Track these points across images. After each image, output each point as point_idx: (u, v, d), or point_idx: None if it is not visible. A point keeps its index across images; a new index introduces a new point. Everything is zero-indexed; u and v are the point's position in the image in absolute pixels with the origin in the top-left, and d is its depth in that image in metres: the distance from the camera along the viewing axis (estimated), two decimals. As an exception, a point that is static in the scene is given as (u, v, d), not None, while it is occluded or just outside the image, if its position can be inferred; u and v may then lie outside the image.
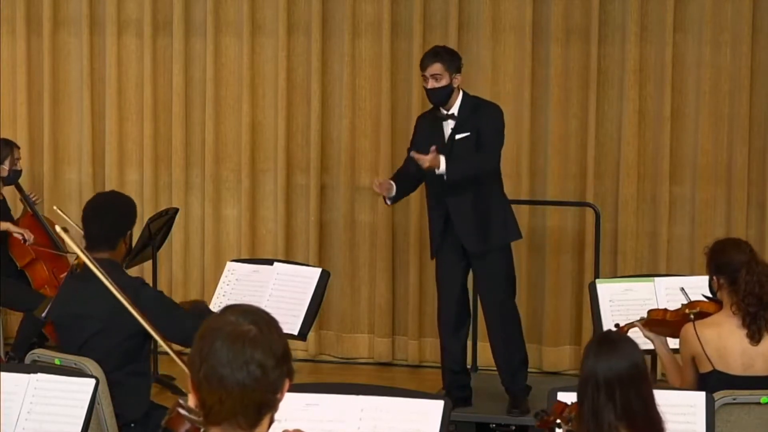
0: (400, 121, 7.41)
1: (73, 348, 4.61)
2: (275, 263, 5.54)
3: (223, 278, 5.54)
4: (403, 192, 6.17)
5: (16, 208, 7.22)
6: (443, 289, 6.19)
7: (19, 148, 7.15)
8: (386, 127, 7.38)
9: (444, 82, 5.98)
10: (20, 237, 6.84)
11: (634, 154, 7.14)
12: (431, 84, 5.99)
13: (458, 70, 6.03)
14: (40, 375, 4.08)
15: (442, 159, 5.84)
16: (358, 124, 7.49)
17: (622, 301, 5.29)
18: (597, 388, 3.26)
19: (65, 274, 5.99)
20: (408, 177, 6.17)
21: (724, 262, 4.54)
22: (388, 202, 6.18)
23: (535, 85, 7.21)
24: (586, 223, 7.16)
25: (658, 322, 4.71)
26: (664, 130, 7.10)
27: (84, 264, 4.70)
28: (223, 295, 5.46)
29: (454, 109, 6.04)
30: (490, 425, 6.13)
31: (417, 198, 7.33)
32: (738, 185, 7.03)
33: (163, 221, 6.85)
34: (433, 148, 5.83)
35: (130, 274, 4.85)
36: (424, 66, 6.02)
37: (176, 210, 7.07)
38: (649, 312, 4.79)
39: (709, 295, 4.69)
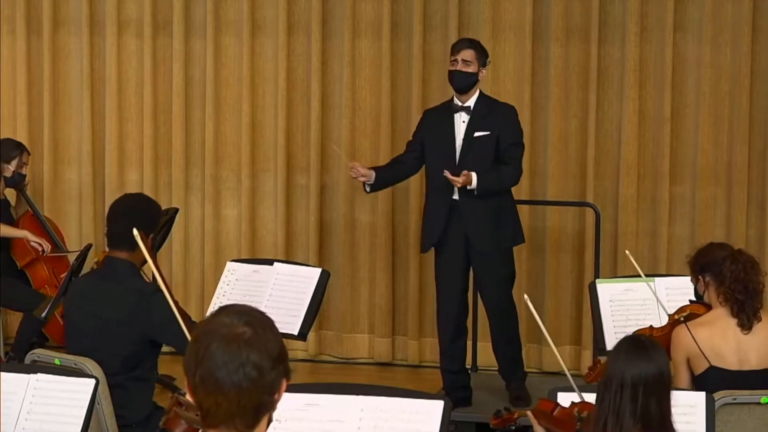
0: (400, 120, 7.41)
1: (78, 345, 4.63)
2: (275, 263, 5.53)
3: (223, 278, 5.54)
4: (385, 182, 6.26)
5: (17, 210, 7.22)
6: (444, 287, 6.20)
7: (29, 154, 7.15)
8: (386, 127, 7.38)
9: (472, 69, 6.05)
10: (39, 247, 6.85)
11: (634, 154, 7.14)
12: (460, 66, 6.04)
13: (485, 65, 6.13)
14: (40, 375, 4.07)
15: (474, 176, 5.90)
16: (358, 124, 7.49)
17: (622, 301, 5.30)
18: (622, 387, 3.30)
19: (65, 273, 5.99)
20: (401, 167, 6.26)
21: (708, 260, 4.62)
22: (368, 189, 6.21)
23: (535, 85, 7.21)
24: (586, 223, 7.16)
25: None
26: (664, 130, 7.10)
27: (103, 261, 4.73)
28: (223, 295, 5.45)
29: (470, 103, 6.10)
30: (490, 423, 6.13)
31: (417, 198, 7.34)
32: (738, 185, 7.03)
33: (163, 221, 6.81)
34: (464, 172, 5.89)
35: (146, 280, 4.86)
36: (457, 49, 6.09)
37: (176, 210, 7.07)
38: (634, 333, 4.78)
39: (695, 299, 4.73)
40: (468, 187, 5.93)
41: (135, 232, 4.29)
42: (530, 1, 7.17)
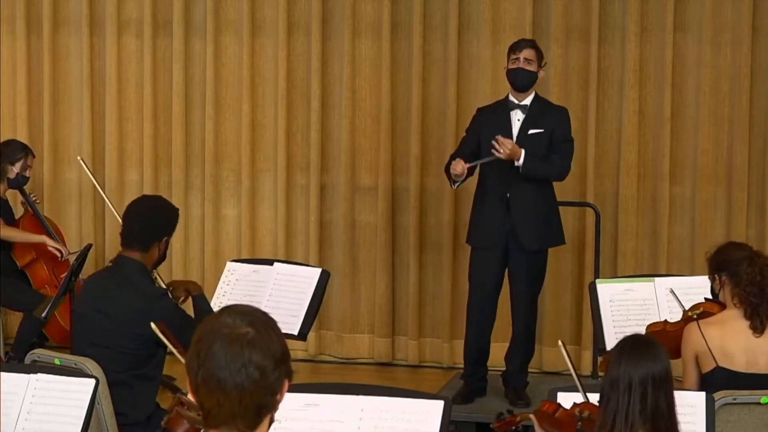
0: (400, 121, 7.41)
1: (85, 341, 4.66)
2: (275, 263, 5.54)
3: (223, 278, 5.55)
4: (465, 179, 6.23)
5: (17, 210, 7.22)
6: (478, 283, 6.26)
7: (35, 157, 7.15)
8: (386, 127, 7.38)
9: (533, 68, 6.16)
10: (58, 253, 6.87)
11: (634, 154, 7.14)
12: (523, 64, 6.12)
13: (542, 66, 6.22)
14: (40, 375, 4.08)
15: (522, 151, 5.98)
16: (358, 124, 7.49)
17: (622, 301, 5.30)
18: (630, 388, 3.30)
19: (65, 273, 5.99)
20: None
21: (726, 259, 4.61)
22: (454, 186, 6.20)
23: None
24: (586, 223, 7.16)
25: (656, 334, 4.69)
26: (664, 130, 7.10)
27: (116, 258, 4.76)
28: (223, 295, 5.46)
29: (526, 101, 6.20)
30: (490, 425, 6.13)
31: (416, 198, 7.34)
32: (738, 185, 7.03)
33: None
34: (512, 141, 6.00)
35: (157, 284, 4.86)
36: (519, 48, 6.18)
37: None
38: (648, 326, 4.79)
39: (710, 297, 4.72)
40: (516, 163, 6.00)
41: (153, 326, 4.30)
42: (530, 1, 7.17)
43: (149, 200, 5.14)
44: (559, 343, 4.19)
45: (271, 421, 2.38)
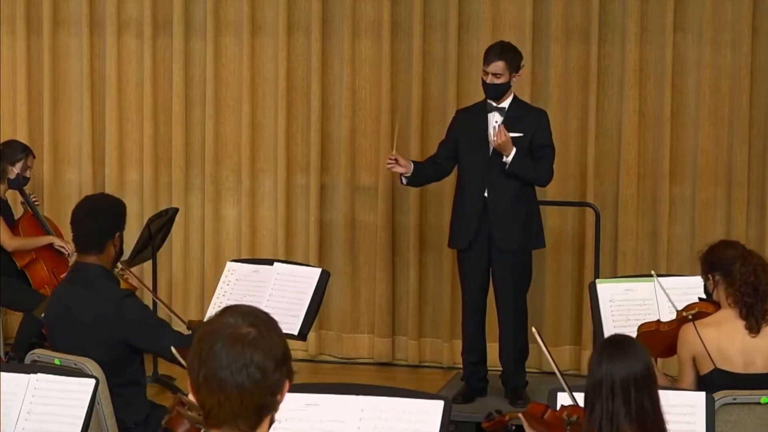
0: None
1: (63, 350, 4.59)
2: (275, 263, 5.53)
3: (223, 278, 5.54)
4: (424, 177, 6.35)
5: (16, 210, 7.22)
6: (469, 285, 6.35)
7: (35, 157, 7.15)
8: (386, 127, 7.38)
9: (503, 80, 6.18)
10: (64, 250, 6.88)
11: (634, 154, 7.14)
12: (490, 79, 6.16)
13: (517, 70, 6.24)
14: (40, 375, 4.08)
15: (514, 149, 6.07)
16: (358, 124, 7.49)
17: (622, 301, 5.30)
18: (613, 391, 3.28)
19: (65, 274, 6.00)
20: (437, 168, 6.37)
21: (718, 258, 4.58)
22: (404, 181, 6.31)
23: (535, 86, 7.20)
24: (586, 223, 7.16)
25: (649, 334, 4.68)
26: (664, 130, 7.10)
27: (74, 266, 4.70)
28: (223, 295, 5.46)
29: (504, 104, 6.25)
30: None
31: (416, 198, 7.34)
32: (738, 185, 7.03)
33: (163, 221, 6.85)
34: (506, 133, 6.06)
35: (120, 285, 4.79)
36: (488, 61, 6.21)
37: (176, 210, 7.08)
38: (640, 326, 4.77)
39: (704, 297, 4.71)
40: (504, 158, 6.08)
41: (173, 350, 4.24)
42: (530, 1, 7.17)
43: (94, 200, 5.03)
44: (533, 330, 4.22)
45: (272, 421, 2.38)
